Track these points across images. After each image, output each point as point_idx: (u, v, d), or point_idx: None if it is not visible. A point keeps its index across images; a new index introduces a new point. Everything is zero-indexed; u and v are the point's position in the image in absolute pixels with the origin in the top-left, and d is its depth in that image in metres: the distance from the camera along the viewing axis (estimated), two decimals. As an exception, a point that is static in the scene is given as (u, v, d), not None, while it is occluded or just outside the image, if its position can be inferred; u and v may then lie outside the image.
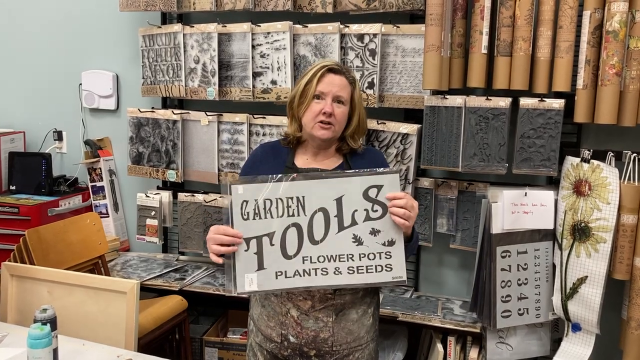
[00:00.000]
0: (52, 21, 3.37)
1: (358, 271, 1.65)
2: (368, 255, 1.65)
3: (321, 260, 1.66)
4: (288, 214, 1.66)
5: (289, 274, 1.66)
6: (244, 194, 1.66)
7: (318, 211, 1.66)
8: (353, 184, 1.66)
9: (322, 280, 1.65)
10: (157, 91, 3.00)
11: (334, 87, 1.77)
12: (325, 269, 1.65)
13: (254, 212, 1.66)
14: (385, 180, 1.66)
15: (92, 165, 3.26)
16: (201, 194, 2.94)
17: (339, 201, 1.66)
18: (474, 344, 2.49)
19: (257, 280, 1.66)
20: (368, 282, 1.66)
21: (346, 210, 1.66)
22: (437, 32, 2.31)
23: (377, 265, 1.66)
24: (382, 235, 1.66)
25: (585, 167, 2.24)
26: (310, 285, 1.66)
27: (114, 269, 2.93)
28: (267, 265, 1.66)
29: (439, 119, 2.43)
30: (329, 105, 1.76)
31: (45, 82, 3.44)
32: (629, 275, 2.23)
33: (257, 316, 1.87)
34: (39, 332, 1.60)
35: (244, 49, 2.75)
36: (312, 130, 1.78)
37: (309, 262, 1.65)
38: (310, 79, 1.78)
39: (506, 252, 2.32)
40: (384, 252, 1.66)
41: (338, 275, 1.65)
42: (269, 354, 1.84)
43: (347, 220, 1.66)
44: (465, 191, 2.59)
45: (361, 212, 1.66)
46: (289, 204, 1.66)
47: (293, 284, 1.66)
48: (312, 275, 1.65)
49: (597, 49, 2.21)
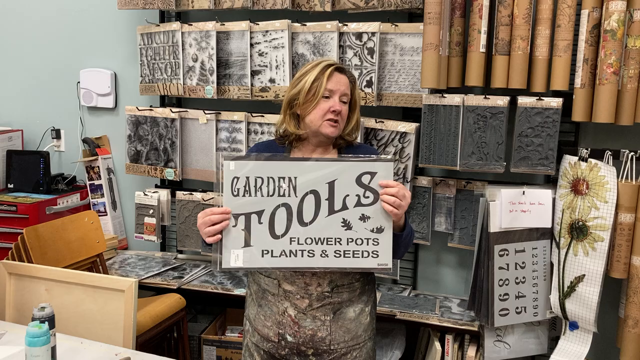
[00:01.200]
0: (50, 19, 3.37)
1: (345, 255, 1.67)
2: (356, 240, 1.67)
3: (308, 242, 1.67)
4: (279, 193, 1.66)
5: (275, 254, 1.66)
6: (235, 170, 1.66)
7: (309, 193, 1.66)
8: (347, 168, 1.66)
9: (307, 261, 1.66)
10: (155, 89, 3.00)
11: (342, 86, 1.79)
12: (312, 250, 1.66)
13: (244, 189, 1.66)
14: (380, 167, 1.67)
15: (90, 164, 3.26)
16: (199, 192, 2.94)
17: (331, 185, 1.66)
18: (472, 342, 2.50)
19: (243, 257, 1.66)
20: (353, 266, 1.68)
21: (338, 194, 1.66)
22: (436, 31, 2.31)
23: (364, 251, 1.67)
24: (372, 221, 1.67)
25: (583, 165, 2.24)
26: (296, 266, 1.67)
27: (112, 267, 2.93)
28: (253, 243, 1.66)
29: (437, 117, 2.43)
30: (338, 103, 1.78)
31: (43, 80, 3.43)
32: (626, 273, 2.23)
33: (254, 316, 1.86)
34: (37, 330, 1.60)
35: (243, 47, 2.75)
36: (320, 128, 1.78)
37: (296, 243, 1.66)
38: (317, 77, 1.78)
39: (504, 250, 2.33)
40: (372, 238, 1.67)
41: (324, 258, 1.66)
42: (266, 353, 1.84)
43: (338, 204, 1.66)
44: (463, 190, 2.59)
45: (352, 197, 1.66)
46: (280, 184, 1.66)
47: (278, 264, 1.67)
48: (299, 257, 1.66)
49: (595, 48, 2.21)
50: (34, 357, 1.60)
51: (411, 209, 2.63)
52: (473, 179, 2.59)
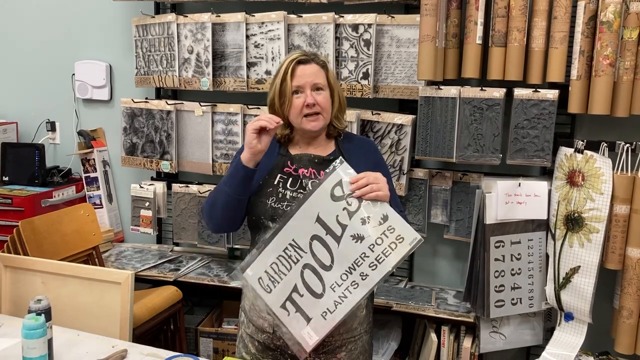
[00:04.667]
0: (45, 11, 3.34)
1: (379, 262, 1.63)
2: (376, 242, 1.63)
3: (344, 277, 1.65)
4: (294, 261, 1.67)
5: (331, 309, 1.66)
6: (255, 273, 1.70)
7: (312, 240, 1.67)
8: (319, 197, 1.66)
9: (359, 292, 1.64)
10: (150, 81, 2.99)
11: (308, 78, 1.77)
12: (354, 281, 1.64)
13: (272, 281, 1.69)
14: (339, 173, 1.66)
15: (85, 156, 3.25)
16: (195, 184, 2.93)
17: (319, 220, 1.66)
18: (468, 333, 2.51)
19: (313, 330, 1.67)
20: (394, 263, 1.63)
21: (330, 221, 1.65)
22: (432, 23, 2.31)
23: (389, 245, 1.63)
24: (373, 218, 1.64)
25: (579, 157, 2.24)
26: (354, 303, 1.65)
27: (108, 260, 2.93)
28: (312, 315, 1.67)
29: (433, 109, 2.43)
30: (310, 96, 1.77)
31: (38, 72, 3.41)
32: (621, 265, 2.24)
33: (249, 308, 1.87)
34: (34, 323, 1.60)
35: (238, 39, 2.74)
36: (302, 125, 1.79)
37: (337, 287, 1.65)
38: (283, 77, 1.77)
39: (500, 242, 2.34)
40: (385, 230, 1.63)
41: (367, 278, 1.64)
42: (261, 344, 1.84)
43: (337, 229, 1.65)
44: (459, 182, 2.59)
45: (342, 214, 1.65)
46: (289, 254, 1.67)
47: (341, 314, 1.65)
48: (349, 295, 1.65)
49: (592, 40, 2.21)
50: (31, 350, 1.60)
51: (407, 201, 2.64)
52: (469, 171, 2.59)
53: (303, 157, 1.83)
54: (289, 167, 1.82)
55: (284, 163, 1.83)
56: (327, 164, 1.73)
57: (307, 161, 1.82)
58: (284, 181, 1.80)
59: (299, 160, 1.82)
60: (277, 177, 1.81)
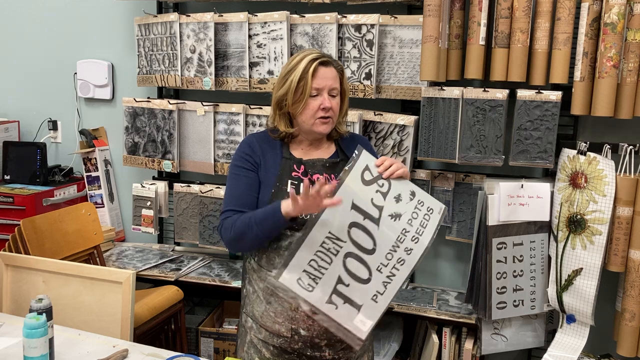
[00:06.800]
0: (48, 9, 3.34)
1: (420, 235, 1.70)
2: (412, 216, 1.71)
3: (389, 257, 1.67)
4: (334, 254, 1.66)
5: (380, 290, 1.67)
6: (292, 276, 1.65)
7: (350, 228, 1.67)
8: (350, 185, 1.67)
9: (406, 268, 1.68)
10: (152, 81, 2.99)
11: (329, 81, 1.76)
12: (400, 258, 1.67)
13: (313, 279, 1.66)
14: (365, 159, 1.72)
15: (87, 155, 3.24)
16: (197, 184, 2.93)
17: (354, 207, 1.67)
18: (469, 335, 2.50)
19: (366, 317, 1.67)
20: (432, 234, 1.73)
21: (366, 206, 1.68)
22: (435, 23, 2.30)
23: (423, 218, 1.72)
24: (404, 195, 1.72)
25: (582, 159, 2.24)
26: (402, 280, 1.68)
27: (109, 259, 2.93)
28: (361, 302, 1.67)
29: (436, 110, 2.43)
30: (327, 100, 1.75)
31: (40, 71, 3.41)
32: (623, 267, 2.24)
33: (261, 313, 1.83)
34: (35, 322, 1.60)
35: (241, 39, 2.74)
36: (313, 127, 1.77)
37: (384, 267, 1.67)
38: (302, 76, 1.73)
39: (502, 243, 2.33)
40: (417, 204, 1.73)
41: (411, 253, 1.68)
42: (277, 348, 1.81)
43: (374, 212, 1.68)
44: (461, 183, 2.59)
45: (376, 196, 1.69)
46: (327, 247, 1.66)
47: (392, 293, 1.67)
48: (397, 273, 1.66)
49: (595, 41, 2.20)
50: (32, 349, 1.60)
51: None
52: (472, 172, 2.59)
53: (316, 162, 1.82)
54: (296, 172, 1.81)
55: (290, 167, 1.81)
56: (336, 166, 1.79)
57: (321, 166, 1.82)
58: (296, 187, 1.77)
59: (312, 166, 1.82)
60: (287, 183, 1.79)
